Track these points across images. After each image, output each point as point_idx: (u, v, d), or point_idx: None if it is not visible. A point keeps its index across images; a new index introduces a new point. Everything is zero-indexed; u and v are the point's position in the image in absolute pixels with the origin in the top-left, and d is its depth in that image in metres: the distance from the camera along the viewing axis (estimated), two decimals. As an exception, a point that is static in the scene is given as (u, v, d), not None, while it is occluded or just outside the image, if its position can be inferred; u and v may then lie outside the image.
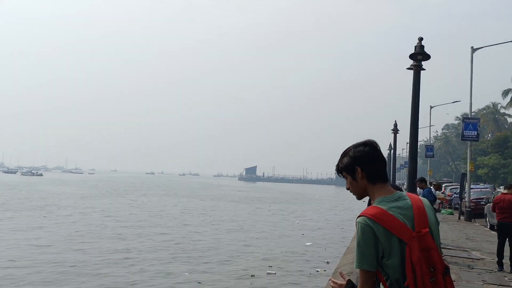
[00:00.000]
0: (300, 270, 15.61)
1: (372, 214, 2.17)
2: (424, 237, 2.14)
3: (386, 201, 2.24)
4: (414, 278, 2.08)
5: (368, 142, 2.39)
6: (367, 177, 2.34)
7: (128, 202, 45.26)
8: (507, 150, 50.44)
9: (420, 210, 2.22)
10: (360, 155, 2.35)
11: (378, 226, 2.13)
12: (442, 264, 2.16)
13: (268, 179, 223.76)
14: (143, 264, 16.08)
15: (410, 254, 2.09)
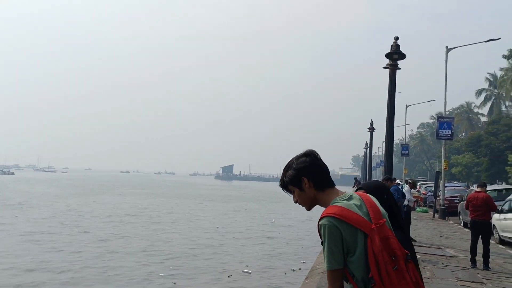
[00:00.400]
0: (276, 269, 15.57)
1: (334, 212, 2.22)
2: (382, 228, 2.22)
3: (341, 200, 2.31)
4: (378, 268, 2.13)
5: (309, 152, 2.47)
6: (314, 186, 2.40)
7: (106, 201, 44.69)
8: (480, 149, 51.29)
9: (372, 204, 2.31)
10: (304, 166, 2.41)
11: (342, 223, 2.19)
12: (402, 251, 2.22)
13: (245, 178, 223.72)
14: (116, 263, 15.84)
15: (372, 246, 2.16)
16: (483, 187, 11.32)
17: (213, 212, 37.93)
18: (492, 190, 21.52)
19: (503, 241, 15.43)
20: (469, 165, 56.12)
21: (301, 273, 14.20)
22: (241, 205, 47.50)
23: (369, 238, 2.17)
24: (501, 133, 48.65)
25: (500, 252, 13.30)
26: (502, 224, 15.39)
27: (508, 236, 14.93)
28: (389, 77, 13.74)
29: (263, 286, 13.29)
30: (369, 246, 2.16)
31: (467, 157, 56.75)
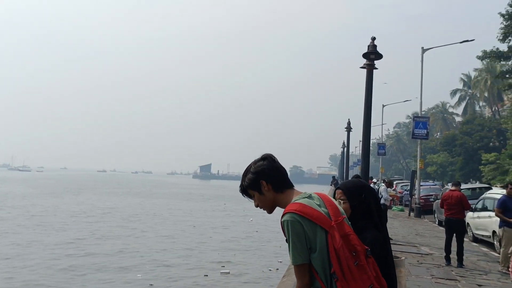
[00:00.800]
0: (254, 268, 15.57)
1: (296, 209, 2.27)
2: (342, 224, 2.29)
3: (301, 198, 2.37)
4: (339, 264, 2.20)
5: (266, 156, 2.55)
6: (273, 188, 2.45)
7: (81, 201, 44.11)
8: (454, 148, 52.12)
9: (331, 203, 2.39)
10: (262, 169, 2.47)
11: (304, 219, 2.24)
12: (362, 246, 2.29)
13: (223, 177, 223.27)
14: (93, 265, 15.65)
15: (332, 242, 2.22)
16: (457, 186, 11.49)
17: (190, 212, 37.77)
18: (466, 189, 21.88)
19: (477, 239, 15.69)
20: (444, 164, 57.03)
21: (278, 273, 14.24)
22: (219, 204, 47.40)
23: (330, 234, 2.23)
24: (475, 133, 49.53)
25: (473, 250, 13.54)
26: (476, 222, 15.65)
27: (482, 234, 15.18)
28: (366, 77, 13.80)
29: (240, 286, 13.28)
30: (330, 243, 2.22)
31: (442, 156, 57.66)
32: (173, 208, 40.38)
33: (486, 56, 34.05)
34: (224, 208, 42.14)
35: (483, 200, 15.93)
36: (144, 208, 38.81)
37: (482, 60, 37.88)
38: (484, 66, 57.94)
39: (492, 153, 44.14)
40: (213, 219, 32.26)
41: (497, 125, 49.23)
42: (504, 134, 46.66)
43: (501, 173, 39.65)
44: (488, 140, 49.46)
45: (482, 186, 23.37)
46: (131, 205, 41.90)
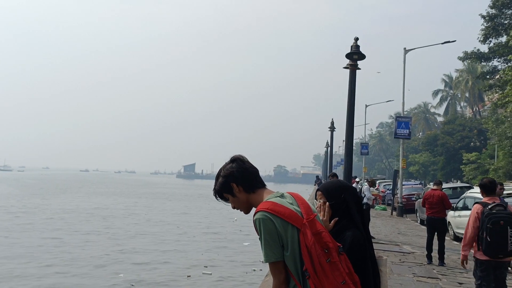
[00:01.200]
0: (237, 269, 15.55)
1: (267, 207, 2.30)
2: (313, 222, 2.30)
3: (274, 197, 2.40)
4: (311, 261, 2.22)
5: (235, 158, 2.56)
6: (244, 189, 2.48)
7: (67, 201, 43.64)
8: (436, 148, 52.72)
9: (303, 201, 2.42)
10: (230, 172, 2.49)
11: (275, 217, 2.26)
12: (335, 243, 2.31)
13: (207, 177, 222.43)
14: (75, 264, 15.51)
15: (304, 239, 2.25)
16: (439, 185, 11.63)
17: (174, 212, 37.62)
18: (448, 188, 22.15)
19: (458, 238, 15.89)
20: (426, 163, 57.64)
21: (262, 273, 14.25)
22: (203, 204, 47.26)
23: (301, 232, 2.26)
24: (456, 133, 50.15)
25: (455, 248, 13.71)
26: (457, 221, 15.86)
27: (462, 232, 15.37)
28: (349, 77, 13.90)
29: (223, 286, 13.28)
30: (302, 240, 2.25)
31: (424, 156, 58.28)
32: (157, 208, 40.17)
33: (467, 57, 34.52)
34: (208, 208, 42.03)
35: (464, 199, 16.15)
36: (128, 208, 38.54)
37: (463, 61, 38.41)
38: (465, 67, 58.73)
39: (473, 152, 44.76)
40: (197, 218, 32.18)
41: (478, 125, 49.93)
42: (484, 134, 47.32)
43: (482, 172, 40.21)
44: (469, 140, 50.13)
45: (463, 185, 23.69)
46: (114, 204, 41.58)
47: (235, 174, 2.48)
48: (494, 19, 29.29)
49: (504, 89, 24.82)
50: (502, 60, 31.88)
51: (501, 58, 31.45)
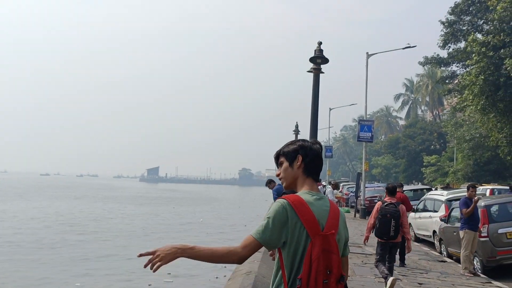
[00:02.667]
0: (201, 275, 15.33)
1: (292, 200, 2.25)
2: (329, 239, 2.23)
3: (310, 195, 2.33)
4: (309, 273, 2.15)
5: (318, 142, 2.54)
6: (303, 168, 2.42)
7: (31, 206, 42.38)
8: (398, 151, 53.82)
9: (335, 215, 2.35)
10: (308, 147, 2.45)
11: (292, 212, 2.21)
12: (340, 271, 2.24)
13: (171, 180, 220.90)
14: (28, 269, 15.08)
15: (311, 250, 2.18)
16: (400, 187, 11.85)
17: (138, 215, 37.07)
18: (409, 190, 22.61)
19: (418, 239, 16.24)
20: (388, 166, 58.79)
21: (226, 279, 14.14)
22: (168, 208, 46.78)
23: (311, 242, 2.19)
24: (417, 136, 51.35)
25: (415, 249, 13.95)
26: (417, 222, 16.19)
27: (423, 233, 15.72)
28: (313, 80, 14.02)
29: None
30: (309, 250, 2.18)
31: (387, 159, 59.44)
32: (119, 212, 39.51)
33: (428, 62, 35.39)
34: (174, 211, 41.64)
35: (424, 201, 16.52)
36: (88, 212, 37.72)
37: (424, 65, 39.36)
38: (426, 72, 60.21)
39: (433, 155, 45.96)
40: (161, 223, 31.80)
41: (438, 128, 51.27)
42: (444, 137, 48.63)
43: (442, 174, 41.33)
44: (430, 143, 51.42)
45: (423, 188, 24.23)
46: (76, 209, 40.63)
47: (309, 151, 2.43)
48: (453, 25, 30.13)
49: (462, 93, 25.54)
50: (460, 65, 32.82)
51: (460, 63, 32.38)
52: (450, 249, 12.54)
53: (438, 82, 41.09)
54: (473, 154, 34.08)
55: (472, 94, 22.44)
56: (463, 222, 10.13)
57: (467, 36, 26.29)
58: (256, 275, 6.24)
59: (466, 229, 10.00)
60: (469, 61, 23.81)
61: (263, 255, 8.50)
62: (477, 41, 21.92)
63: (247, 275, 6.22)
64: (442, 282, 9.20)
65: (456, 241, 11.79)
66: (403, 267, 10.50)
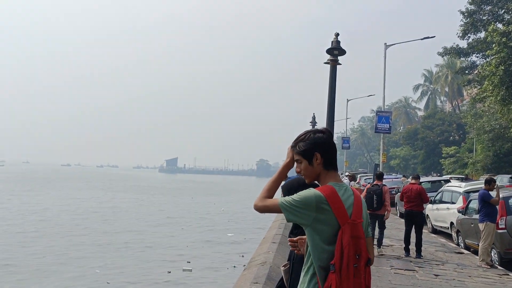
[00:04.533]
0: (218, 263, 15.54)
1: (326, 194, 2.34)
2: (357, 226, 2.37)
3: (338, 186, 2.42)
4: (341, 259, 2.27)
5: (325, 129, 2.55)
6: (323, 163, 2.47)
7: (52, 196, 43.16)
8: (416, 142, 53.34)
9: (359, 204, 2.46)
10: (321, 142, 2.47)
11: (325, 203, 2.31)
12: (367, 254, 2.39)
13: (190, 171, 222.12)
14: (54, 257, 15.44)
15: (342, 237, 2.30)
16: (417, 179, 11.86)
17: (161, 205, 37.55)
18: (427, 182, 22.48)
19: (436, 230, 16.20)
20: (406, 157, 58.32)
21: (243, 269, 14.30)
22: (187, 198, 47.21)
23: (341, 229, 2.30)
24: (436, 127, 50.81)
25: (432, 241, 13.97)
26: (435, 214, 16.14)
27: (440, 225, 15.67)
28: (329, 72, 14.00)
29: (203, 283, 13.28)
30: (339, 237, 2.29)
31: (405, 150, 58.95)
32: (143, 202, 40.02)
33: (447, 53, 34.95)
34: (193, 201, 42.05)
35: (442, 193, 16.43)
36: (116, 202, 38.26)
37: (443, 56, 38.84)
38: (445, 62, 59.38)
39: (452, 146, 45.48)
40: (184, 213, 32.18)
41: (457, 119, 50.65)
42: (463, 128, 48.04)
43: (461, 166, 40.92)
44: (449, 134, 50.89)
45: (441, 179, 24.06)
46: (99, 199, 41.24)
47: (323, 145, 2.46)
48: (473, 15, 29.67)
49: (482, 84, 25.24)
50: (480, 56, 32.37)
51: (480, 54, 31.93)
52: (467, 241, 12.51)
53: (457, 72, 40.57)
54: (492, 145, 33.70)
55: (492, 84, 22.17)
56: (483, 215, 10.08)
57: (487, 26, 25.90)
58: (271, 266, 6.36)
59: (486, 222, 9.96)
60: (489, 51, 23.50)
61: (278, 246, 8.61)
62: (498, 31, 21.61)
63: (262, 265, 6.35)
64: (459, 273, 9.22)
65: (473, 233, 11.76)
66: (420, 259, 10.53)
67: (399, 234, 13.94)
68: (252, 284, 4.95)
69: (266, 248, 7.86)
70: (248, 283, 5.06)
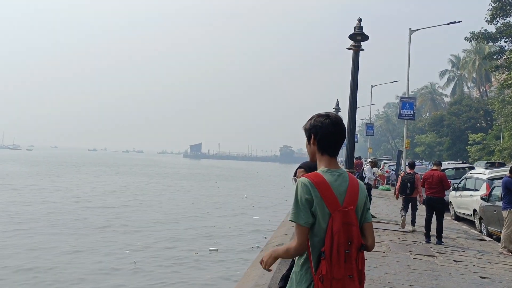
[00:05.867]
0: (244, 245, 15.89)
1: (313, 179, 2.44)
2: (349, 213, 2.42)
3: (329, 173, 2.50)
4: (331, 246, 2.35)
5: (330, 115, 2.62)
6: (317, 146, 2.60)
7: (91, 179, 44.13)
8: (442, 129, 52.59)
9: (353, 189, 2.50)
10: (317, 125, 2.59)
11: (315, 190, 2.40)
12: (359, 240, 2.45)
13: (213, 156, 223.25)
14: (83, 237, 15.86)
15: (332, 224, 2.37)
16: (438, 165, 11.81)
17: (185, 189, 38.10)
18: (450, 169, 22.29)
19: (459, 217, 16.12)
20: (431, 144, 57.53)
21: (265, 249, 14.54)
22: (212, 183, 47.71)
23: (331, 217, 2.37)
24: (463, 114, 49.98)
25: (454, 227, 13.92)
26: (458, 201, 16.06)
27: (463, 212, 15.59)
28: (352, 58, 13.96)
29: (228, 262, 13.60)
30: (330, 224, 2.37)
31: (430, 137, 58.15)
32: (168, 187, 40.64)
33: (474, 38, 34.29)
34: (218, 187, 42.51)
35: (465, 180, 16.32)
36: (139, 186, 38.99)
37: (470, 41, 38.10)
38: (473, 48, 58.17)
39: (478, 133, 44.71)
40: (209, 196, 32.64)
41: (484, 106, 49.70)
42: (491, 115, 47.15)
43: (487, 153, 40.25)
44: (475, 121, 50.02)
45: (465, 166, 23.79)
46: (130, 183, 42.04)
47: (318, 129, 2.58)
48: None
49: (511, 69, 24.73)
50: (509, 41, 31.69)
51: (509, 39, 31.26)
52: (490, 228, 12.45)
53: (485, 58, 39.79)
54: (520, 132, 33.08)
55: (520, 70, 21.75)
56: (506, 202, 10.02)
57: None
58: (288, 247, 6.49)
59: (510, 209, 9.91)
60: (518, 36, 23.02)
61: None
62: (527, 15, 21.14)
63: (278, 245, 6.49)
64: (479, 260, 9.23)
65: (496, 220, 11.71)
66: (440, 245, 10.54)
67: (421, 221, 13.94)
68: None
69: (284, 231, 8.00)
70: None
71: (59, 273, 12.02)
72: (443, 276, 7.72)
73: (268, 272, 2.82)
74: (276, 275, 4.50)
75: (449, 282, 7.32)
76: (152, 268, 12.70)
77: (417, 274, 7.73)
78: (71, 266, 12.72)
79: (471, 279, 7.64)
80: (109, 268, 12.64)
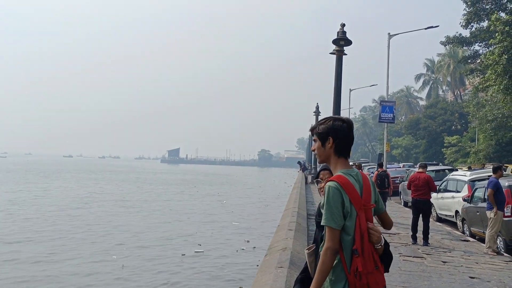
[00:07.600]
0: (228, 246, 15.91)
1: (341, 181, 2.52)
2: (369, 211, 2.58)
3: (348, 174, 2.59)
4: (362, 242, 2.47)
5: (346, 119, 2.74)
6: (334, 149, 2.66)
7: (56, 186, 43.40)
8: (418, 132, 53.37)
9: (367, 187, 2.63)
10: (337, 129, 2.67)
11: (344, 192, 2.49)
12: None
13: (192, 161, 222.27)
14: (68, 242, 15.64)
15: (360, 223, 2.48)
16: (424, 168, 11.95)
17: (165, 195, 37.84)
18: (431, 171, 22.59)
19: (440, 219, 16.37)
20: (408, 147, 58.39)
21: (255, 251, 14.59)
22: (190, 188, 47.46)
23: (358, 215, 2.48)
24: (438, 116, 50.82)
25: (438, 229, 14.13)
26: (440, 202, 16.30)
27: (445, 213, 15.85)
28: (335, 62, 14.11)
29: (217, 263, 13.59)
30: (357, 222, 2.47)
31: (407, 139, 59.02)
32: (147, 192, 40.32)
33: (449, 42, 34.93)
34: (197, 191, 42.36)
35: (447, 182, 16.58)
36: (118, 192, 38.53)
37: (446, 45, 38.82)
38: (447, 52, 59.27)
39: (454, 136, 45.52)
40: (187, 202, 32.49)
41: (459, 108, 50.65)
42: (465, 117, 48.07)
43: (463, 155, 41.04)
44: (451, 124, 50.90)
45: (446, 168, 24.15)
46: (107, 190, 41.49)
47: (339, 133, 2.65)
48: (476, 4, 29.61)
49: (485, 73, 25.30)
50: (483, 45, 32.38)
51: (482, 43, 31.93)
52: (473, 229, 12.67)
53: (460, 61, 40.54)
54: (495, 134, 33.74)
55: (495, 73, 22.23)
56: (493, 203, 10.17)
57: (490, 15, 25.88)
58: (292, 251, 6.55)
59: (498, 210, 10.09)
60: (492, 40, 23.52)
61: (295, 233, 8.78)
62: (501, 20, 21.63)
63: (283, 251, 6.53)
64: (466, 260, 9.39)
65: (479, 221, 11.92)
66: (427, 246, 10.69)
67: (405, 223, 14.12)
68: (277, 268, 5.15)
69: (284, 235, 8.04)
70: (273, 268, 5.25)
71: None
72: (434, 277, 7.85)
73: (281, 276, 2.86)
74: (289, 279, 4.56)
75: (441, 283, 7.44)
76: (139, 272, 12.65)
77: (409, 276, 7.83)
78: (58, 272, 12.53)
79: (461, 279, 7.78)
80: (95, 272, 12.55)
